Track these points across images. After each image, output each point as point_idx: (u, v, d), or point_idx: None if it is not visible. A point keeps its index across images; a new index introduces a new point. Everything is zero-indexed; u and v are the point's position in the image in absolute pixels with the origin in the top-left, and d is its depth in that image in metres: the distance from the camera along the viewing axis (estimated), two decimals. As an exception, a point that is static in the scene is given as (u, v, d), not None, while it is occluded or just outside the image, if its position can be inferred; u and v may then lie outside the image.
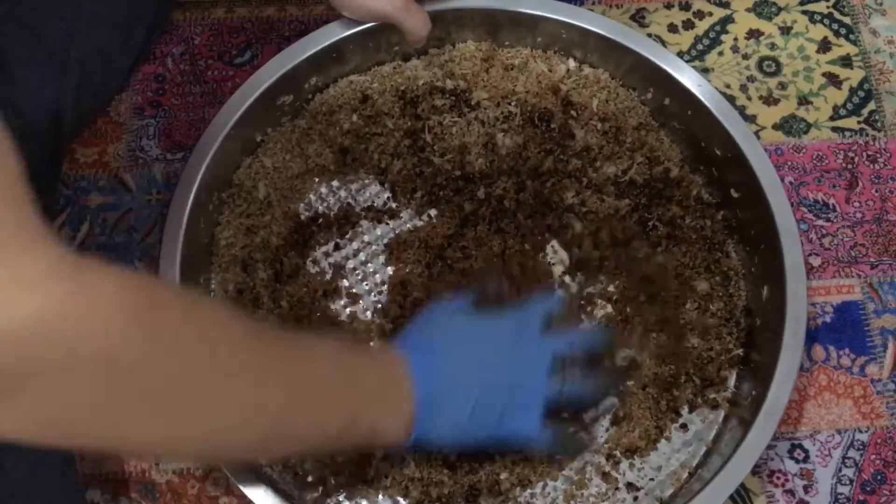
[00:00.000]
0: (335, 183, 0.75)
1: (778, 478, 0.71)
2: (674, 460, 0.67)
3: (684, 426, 0.68)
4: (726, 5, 0.88)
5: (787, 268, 0.67)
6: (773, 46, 0.86)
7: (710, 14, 0.88)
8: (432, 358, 0.57)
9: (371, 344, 0.69)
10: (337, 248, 0.74)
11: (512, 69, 0.78)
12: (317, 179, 0.75)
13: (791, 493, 0.70)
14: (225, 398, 0.43)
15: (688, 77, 0.74)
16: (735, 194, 0.73)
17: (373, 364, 0.55)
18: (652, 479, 0.67)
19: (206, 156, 0.70)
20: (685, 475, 0.67)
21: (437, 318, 0.62)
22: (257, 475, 0.62)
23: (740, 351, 0.70)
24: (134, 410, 0.41)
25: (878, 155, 0.82)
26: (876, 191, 0.80)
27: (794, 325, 0.65)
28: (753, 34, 0.87)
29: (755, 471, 0.70)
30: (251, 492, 0.61)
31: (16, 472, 0.60)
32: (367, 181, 0.75)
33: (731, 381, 0.70)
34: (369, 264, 0.73)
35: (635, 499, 0.66)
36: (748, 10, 0.88)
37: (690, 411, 0.69)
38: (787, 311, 0.65)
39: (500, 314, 0.63)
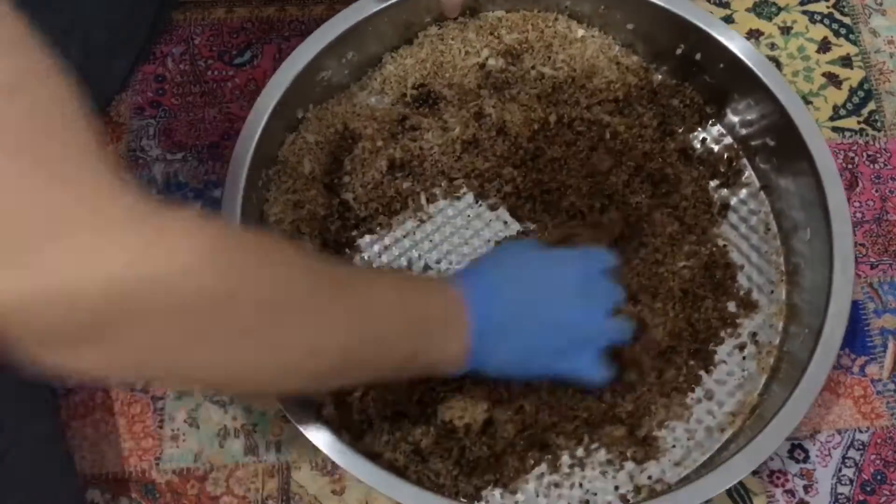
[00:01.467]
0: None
1: (778, 478, 0.71)
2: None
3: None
4: (726, 5, 0.88)
5: (831, 211, 0.68)
6: (773, 46, 0.86)
7: (710, 14, 0.88)
8: (490, 292, 0.57)
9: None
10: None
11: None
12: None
13: (791, 493, 0.70)
14: (296, 335, 0.46)
15: (725, 34, 0.74)
16: (771, 143, 0.75)
17: (431, 297, 0.56)
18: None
19: (255, 133, 0.69)
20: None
21: (502, 255, 0.63)
22: (313, 416, 0.62)
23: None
24: (212, 348, 0.42)
25: (878, 155, 0.82)
26: (876, 191, 0.80)
27: (843, 264, 0.66)
28: (753, 34, 0.87)
29: (755, 471, 0.70)
30: (311, 433, 0.61)
31: (16, 471, 0.60)
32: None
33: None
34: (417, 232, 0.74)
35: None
36: (748, 10, 0.88)
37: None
38: (834, 252, 0.67)
39: (568, 253, 0.64)
